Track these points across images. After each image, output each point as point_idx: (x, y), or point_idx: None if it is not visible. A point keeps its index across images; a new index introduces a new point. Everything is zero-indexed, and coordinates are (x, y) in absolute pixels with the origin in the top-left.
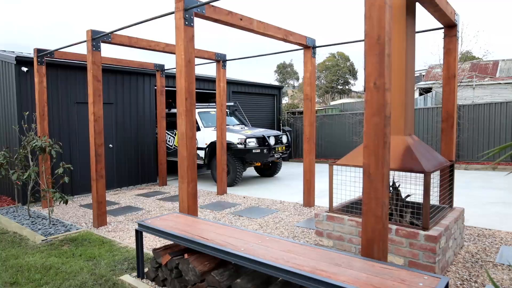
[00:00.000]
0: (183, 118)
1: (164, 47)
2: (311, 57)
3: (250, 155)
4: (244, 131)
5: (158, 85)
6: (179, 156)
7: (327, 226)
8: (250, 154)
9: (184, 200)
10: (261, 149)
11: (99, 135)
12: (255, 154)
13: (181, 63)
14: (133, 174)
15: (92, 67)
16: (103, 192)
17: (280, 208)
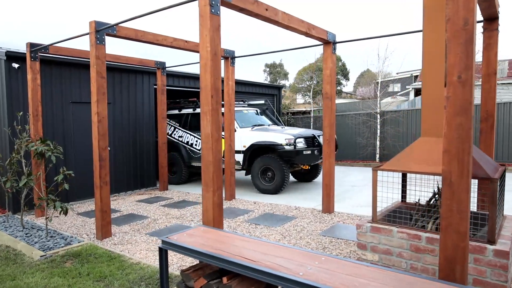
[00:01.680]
0: (208, 118)
1: (172, 41)
2: (331, 53)
3: (300, 157)
4: (288, 131)
5: (159, 84)
6: (203, 162)
7: (372, 238)
8: (300, 156)
9: (208, 211)
10: (312, 150)
11: (104, 137)
12: (306, 155)
13: (206, 56)
14: (132, 178)
15: (96, 62)
16: (108, 200)
17: (297, 214)
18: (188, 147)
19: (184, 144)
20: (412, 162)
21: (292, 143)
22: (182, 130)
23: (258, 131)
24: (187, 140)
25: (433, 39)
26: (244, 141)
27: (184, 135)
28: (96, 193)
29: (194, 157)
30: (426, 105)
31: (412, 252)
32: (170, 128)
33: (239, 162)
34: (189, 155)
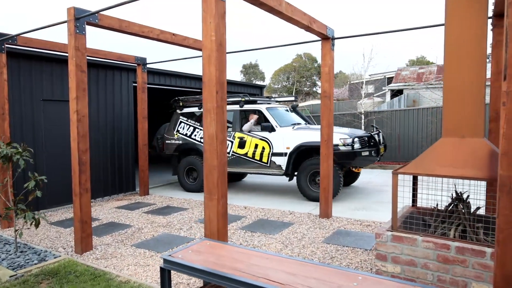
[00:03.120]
0: (212, 116)
1: (158, 34)
2: (330, 49)
3: (358, 158)
4: (337, 130)
5: (139, 81)
6: (206, 166)
7: (393, 248)
8: (358, 157)
9: (212, 221)
10: (369, 150)
11: (84, 138)
12: (364, 157)
13: (211, 46)
14: (110, 182)
15: (75, 54)
16: (89, 209)
17: (294, 220)
18: None
19: None
20: (436, 165)
21: (349, 143)
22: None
23: (303, 130)
24: None
25: (456, 33)
26: (288, 142)
27: None
28: (75, 202)
29: None
30: (448, 103)
31: (439, 263)
32: (189, 128)
33: (280, 166)
34: None
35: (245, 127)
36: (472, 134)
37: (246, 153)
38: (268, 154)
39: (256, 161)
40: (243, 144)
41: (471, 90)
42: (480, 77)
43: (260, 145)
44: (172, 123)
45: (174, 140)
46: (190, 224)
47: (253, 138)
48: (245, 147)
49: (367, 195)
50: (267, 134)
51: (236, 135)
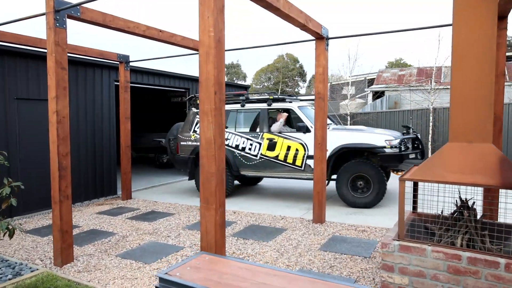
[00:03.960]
0: (209, 119)
1: (144, 30)
2: (324, 49)
3: (405, 162)
4: (383, 131)
5: (122, 80)
6: (202, 173)
7: (400, 259)
8: (406, 161)
9: (209, 233)
10: (416, 153)
11: (65, 141)
12: (411, 160)
13: (209, 43)
14: (90, 186)
15: (55, 50)
16: (70, 217)
17: (286, 225)
18: (238, 152)
19: (232, 149)
20: (444, 171)
21: (395, 145)
22: (227, 131)
23: (342, 131)
24: (237, 144)
25: (464, 34)
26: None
27: (232, 138)
28: (55, 210)
29: (246, 164)
30: (456, 106)
31: (450, 274)
32: None
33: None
34: (241, 162)
35: (275, 128)
36: (480, 139)
37: (277, 156)
38: (303, 157)
39: (289, 164)
40: (273, 146)
41: (480, 94)
42: (489, 80)
43: (293, 147)
44: (187, 122)
45: (190, 142)
46: (178, 231)
47: (285, 139)
48: (275, 150)
49: None
50: (301, 135)
51: (264, 136)
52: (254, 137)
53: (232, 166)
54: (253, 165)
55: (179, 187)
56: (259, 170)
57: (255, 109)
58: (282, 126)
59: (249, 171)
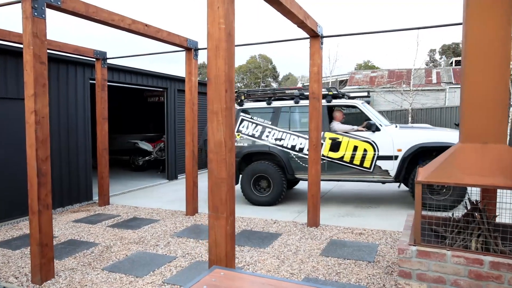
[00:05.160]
0: (219, 120)
1: (130, 24)
2: (319, 48)
3: None
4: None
5: (98, 78)
6: (211, 179)
7: (419, 265)
8: None
9: (219, 245)
10: None
11: (44, 144)
12: None
13: (219, 36)
14: (64, 192)
15: (33, 42)
16: (50, 229)
17: (280, 230)
18: (295, 153)
19: (286, 149)
20: (461, 173)
21: None
22: (280, 130)
23: (413, 129)
24: (293, 144)
25: (478, 34)
26: (399, 143)
27: (287, 138)
28: (33, 221)
29: (304, 167)
30: (470, 107)
31: (471, 280)
32: (255, 128)
33: (386, 172)
34: (297, 165)
35: (339, 126)
36: (495, 140)
37: (342, 157)
38: (372, 157)
39: (355, 166)
40: (336, 146)
41: (495, 94)
42: (504, 80)
43: (361, 147)
44: None
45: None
46: (167, 239)
47: (351, 139)
48: (339, 150)
49: (344, 200)
50: (369, 134)
51: (326, 135)
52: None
53: (287, 169)
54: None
55: (159, 191)
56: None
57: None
58: (345, 124)
59: (306, 175)
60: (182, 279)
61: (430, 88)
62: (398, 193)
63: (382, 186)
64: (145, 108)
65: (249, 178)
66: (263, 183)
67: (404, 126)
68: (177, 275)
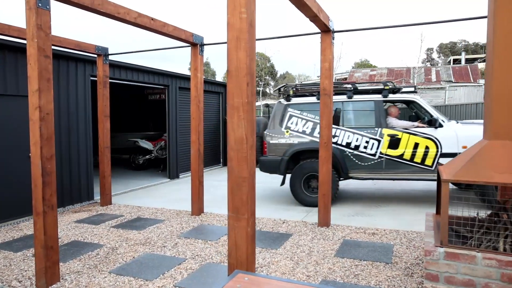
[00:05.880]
0: (240, 115)
1: (136, 17)
2: (330, 43)
3: None
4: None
5: (100, 74)
6: (231, 178)
7: (447, 267)
8: None
9: (240, 248)
10: None
11: (49, 142)
12: None
13: (240, 26)
14: (64, 192)
15: (37, 35)
16: (55, 231)
17: (291, 230)
18: (350, 151)
19: (341, 147)
20: (491, 171)
21: None
22: (334, 127)
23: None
24: (349, 141)
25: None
26: (464, 140)
27: (341, 134)
28: (37, 223)
29: (360, 165)
30: (498, 104)
31: (504, 283)
32: (305, 124)
33: None
34: (352, 163)
35: (397, 123)
36: None
37: (401, 154)
38: (435, 155)
39: (416, 164)
40: (395, 143)
41: None
42: None
43: (422, 144)
44: (276, 117)
45: (284, 140)
46: (174, 240)
47: (411, 135)
48: (399, 147)
49: (353, 199)
50: (431, 131)
51: (384, 132)
52: (371, 133)
53: (342, 168)
54: (368, 166)
55: (161, 190)
56: (375, 171)
57: (366, 101)
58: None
59: (361, 173)
60: (194, 283)
61: (430, 86)
62: (405, 192)
63: (388, 184)
64: (146, 106)
65: (300, 177)
66: (313, 183)
67: (466, 122)
68: (188, 278)
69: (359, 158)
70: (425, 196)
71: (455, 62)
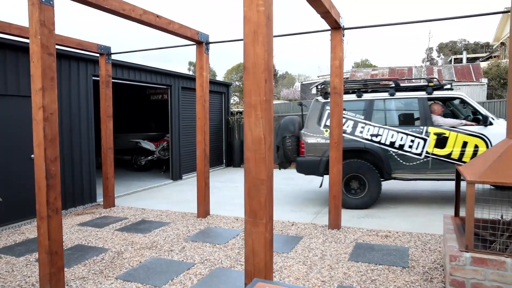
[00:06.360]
0: (258, 113)
1: (141, 14)
2: (341, 40)
3: None
4: None
5: (103, 74)
6: (248, 180)
7: (474, 273)
8: None
9: (258, 254)
10: None
11: (53, 143)
12: None
13: (257, 20)
14: (67, 193)
15: (40, 31)
16: (60, 235)
17: (300, 232)
18: (394, 150)
19: (385, 147)
20: None
21: None
22: (375, 125)
23: None
24: (393, 141)
25: None
26: None
27: (385, 133)
28: (41, 227)
29: (404, 165)
30: None
31: None
32: (345, 123)
33: None
34: (396, 163)
35: (444, 121)
36: None
37: (449, 154)
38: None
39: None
40: (443, 142)
41: None
42: None
43: (471, 143)
44: (314, 115)
45: (322, 140)
46: (181, 244)
47: (459, 134)
48: (446, 146)
49: None
50: (481, 129)
51: (430, 130)
52: (417, 132)
53: (385, 168)
54: (413, 166)
55: (164, 192)
56: (421, 171)
57: (409, 98)
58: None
59: (406, 174)
60: None
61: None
62: (414, 193)
63: (396, 185)
64: (148, 106)
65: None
66: (353, 184)
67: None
68: (198, 284)
69: (403, 158)
70: (434, 197)
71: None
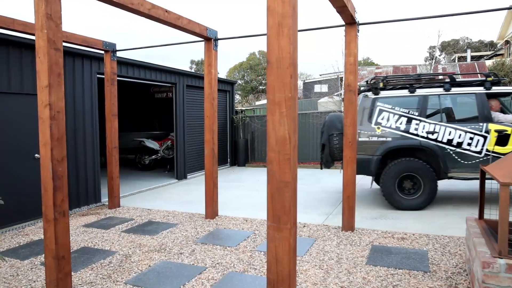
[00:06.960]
0: (283, 111)
1: (150, 8)
2: (355, 36)
3: None
4: None
5: (108, 71)
6: (272, 182)
7: (509, 281)
8: None
9: (281, 261)
10: None
11: (60, 143)
12: None
13: (282, 11)
14: (71, 194)
15: (46, 25)
16: (67, 239)
17: (313, 234)
18: (452, 148)
19: (440, 145)
20: None
21: None
22: (432, 122)
23: None
24: (450, 138)
25: None
26: None
27: (440, 130)
28: (48, 231)
29: (462, 164)
30: None
31: None
32: (399, 120)
33: None
34: (454, 161)
35: (506, 117)
36: None
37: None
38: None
39: None
40: (504, 139)
41: None
42: None
43: None
44: (364, 112)
45: (374, 137)
46: (191, 246)
47: None
48: (508, 144)
49: (372, 200)
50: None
51: (491, 127)
52: (476, 129)
53: (442, 167)
54: (472, 165)
55: (169, 192)
56: (473, 170)
57: (467, 93)
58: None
59: (464, 173)
60: None
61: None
62: None
63: None
64: (152, 104)
65: (394, 178)
66: (406, 184)
67: None
68: None
69: (462, 156)
70: (448, 197)
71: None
